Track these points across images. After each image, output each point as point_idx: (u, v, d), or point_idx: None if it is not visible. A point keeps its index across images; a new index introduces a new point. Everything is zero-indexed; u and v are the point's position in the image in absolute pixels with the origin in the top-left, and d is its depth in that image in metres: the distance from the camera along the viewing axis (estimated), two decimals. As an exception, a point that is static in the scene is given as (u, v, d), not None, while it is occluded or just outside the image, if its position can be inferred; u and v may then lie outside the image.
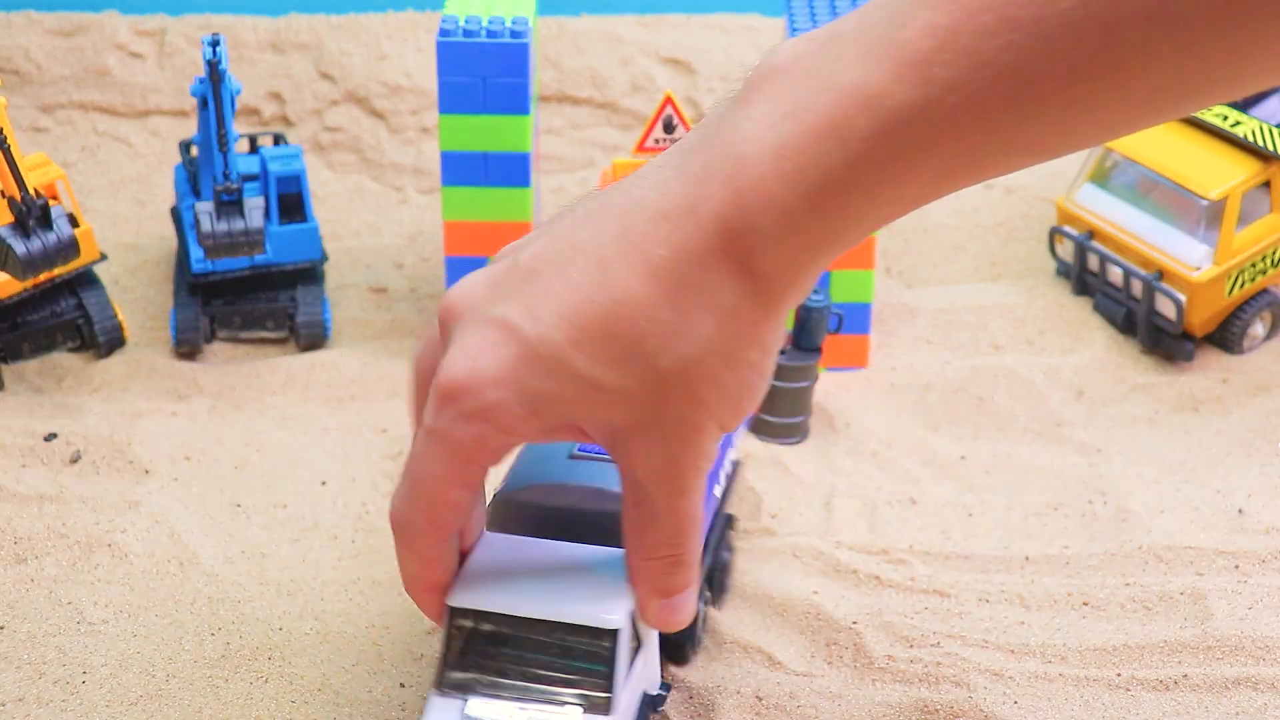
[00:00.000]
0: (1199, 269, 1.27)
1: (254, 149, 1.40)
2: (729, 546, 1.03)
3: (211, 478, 1.15)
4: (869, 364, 1.28)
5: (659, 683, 0.87)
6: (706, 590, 0.97)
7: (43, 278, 1.27)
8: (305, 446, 1.18)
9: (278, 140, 1.40)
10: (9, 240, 1.18)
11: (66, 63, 1.66)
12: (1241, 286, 1.29)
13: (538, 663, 0.80)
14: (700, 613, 0.91)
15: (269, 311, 1.32)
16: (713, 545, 0.96)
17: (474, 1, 1.25)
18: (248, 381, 1.26)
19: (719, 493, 0.96)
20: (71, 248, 1.21)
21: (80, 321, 1.30)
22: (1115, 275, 1.31)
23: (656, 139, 1.23)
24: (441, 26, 1.21)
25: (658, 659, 0.87)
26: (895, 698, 0.93)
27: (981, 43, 0.65)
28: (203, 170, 1.29)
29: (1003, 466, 1.18)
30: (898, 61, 0.66)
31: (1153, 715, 0.93)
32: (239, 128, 1.47)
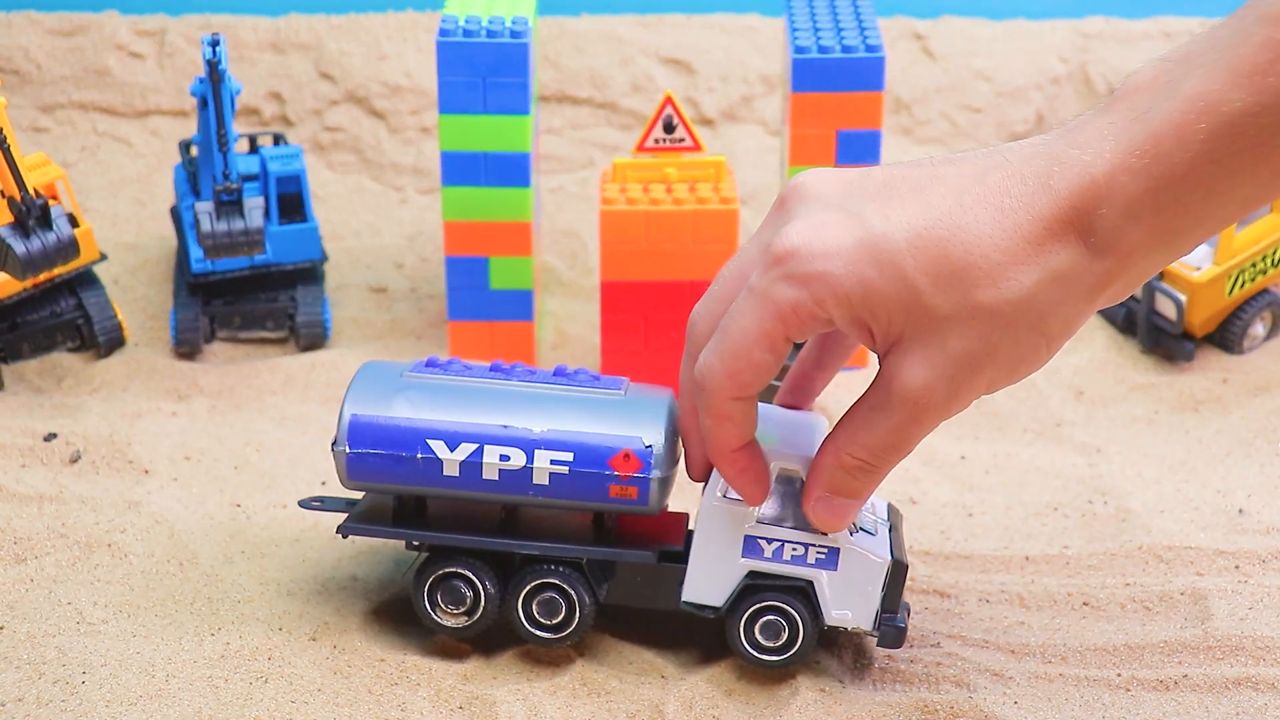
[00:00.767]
0: (1199, 269, 1.27)
1: (254, 149, 1.40)
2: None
3: (211, 478, 1.15)
4: (869, 364, 1.28)
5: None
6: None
7: (42, 278, 1.27)
8: (305, 446, 1.18)
9: (277, 140, 1.40)
10: (9, 240, 1.18)
11: (66, 63, 1.66)
12: (1242, 286, 1.29)
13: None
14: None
15: (269, 311, 1.32)
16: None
17: (474, 1, 1.25)
18: (247, 381, 1.26)
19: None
20: (71, 248, 1.21)
21: (80, 321, 1.30)
22: (1115, 275, 1.31)
23: (656, 139, 1.23)
24: (441, 26, 1.21)
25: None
26: (895, 698, 0.93)
27: None
28: (202, 170, 1.29)
29: (1003, 466, 1.17)
30: (1236, 72, 0.73)
31: (1153, 715, 0.92)
32: (239, 128, 1.47)
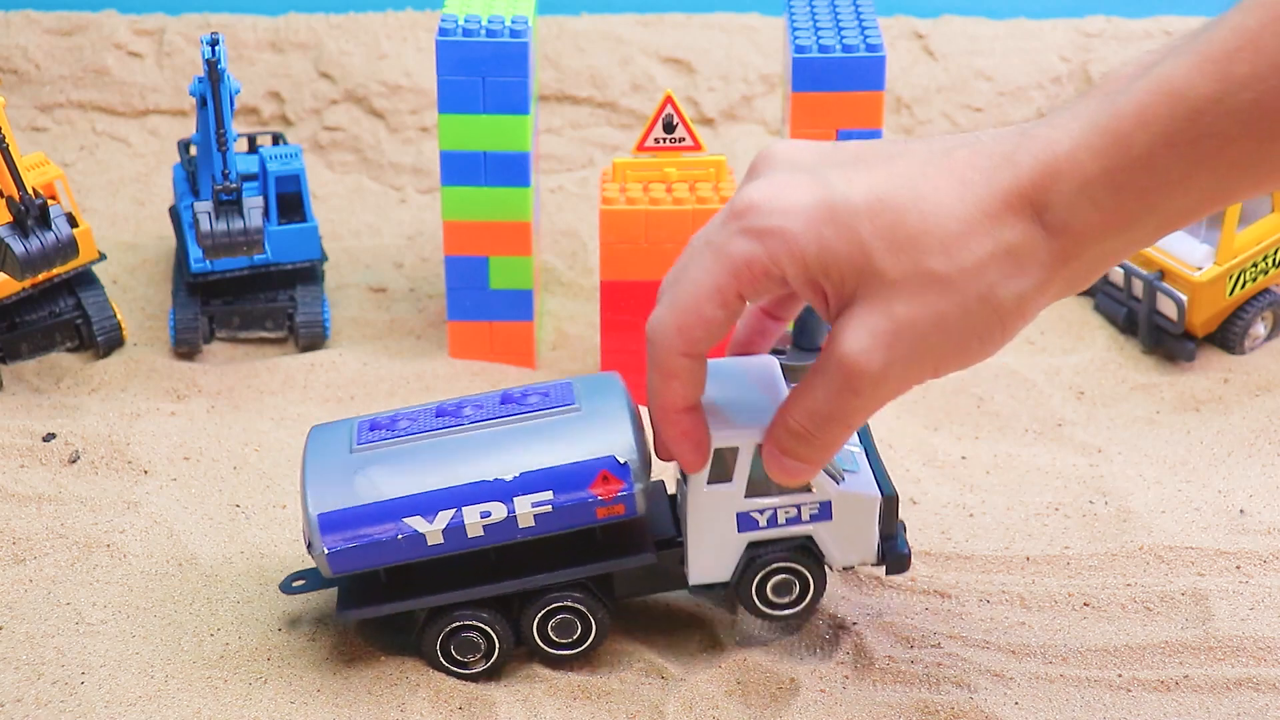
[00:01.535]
0: (1200, 269, 1.27)
1: (253, 148, 1.40)
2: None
3: (210, 478, 1.14)
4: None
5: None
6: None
7: (41, 277, 1.27)
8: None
9: (277, 140, 1.40)
10: (8, 240, 1.18)
11: (65, 62, 1.66)
12: (1243, 286, 1.28)
13: None
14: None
15: (268, 311, 1.32)
16: None
17: (474, 1, 1.25)
18: (247, 381, 1.26)
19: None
20: (70, 247, 1.21)
21: (79, 321, 1.30)
22: (1116, 275, 1.31)
23: (656, 138, 1.23)
24: (441, 26, 1.20)
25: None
26: (896, 698, 0.93)
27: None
28: (201, 170, 1.29)
29: (1003, 467, 1.17)
30: (1203, 57, 0.71)
31: (1154, 716, 0.92)
32: (238, 127, 1.47)
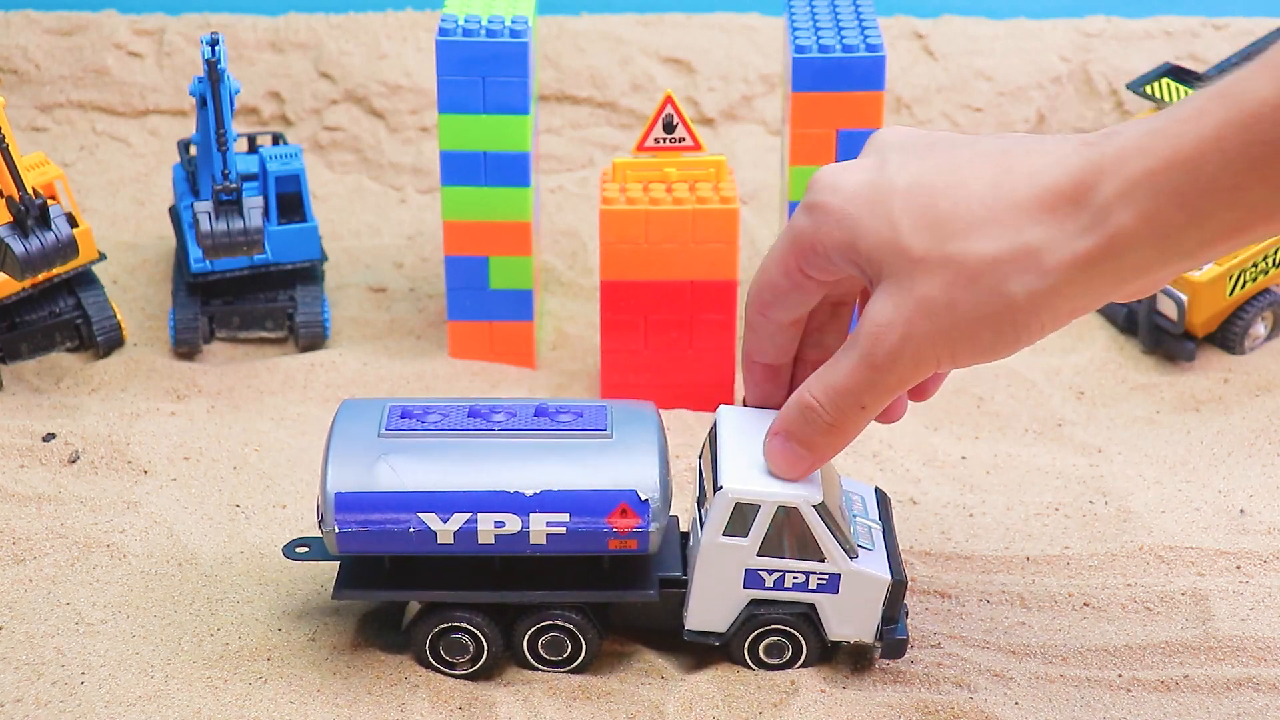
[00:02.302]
0: (1200, 269, 1.27)
1: (253, 148, 1.40)
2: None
3: (210, 478, 1.14)
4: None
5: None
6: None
7: (41, 278, 1.26)
8: (304, 447, 1.18)
9: (277, 140, 1.40)
10: (8, 240, 1.18)
11: (65, 62, 1.66)
12: (1243, 286, 1.28)
13: None
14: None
15: (268, 311, 1.32)
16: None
17: (474, 1, 1.25)
18: (246, 381, 1.26)
19: None
20: (70, 247, 1.21)
21: (79, 321, 1.30)
22: (1116, 275, 1.31)
23: (656, 138, 1.22)
24: (441, 26, 1.20)
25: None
26: (896, 698, 0.93)
27: None
28: (201, 170, 1.29)
29: (1003, 467, 1.17)
30: (1269, 63, 0.69)
31: (1154, 716, 0.92)
32: (238, 127, 1.47)
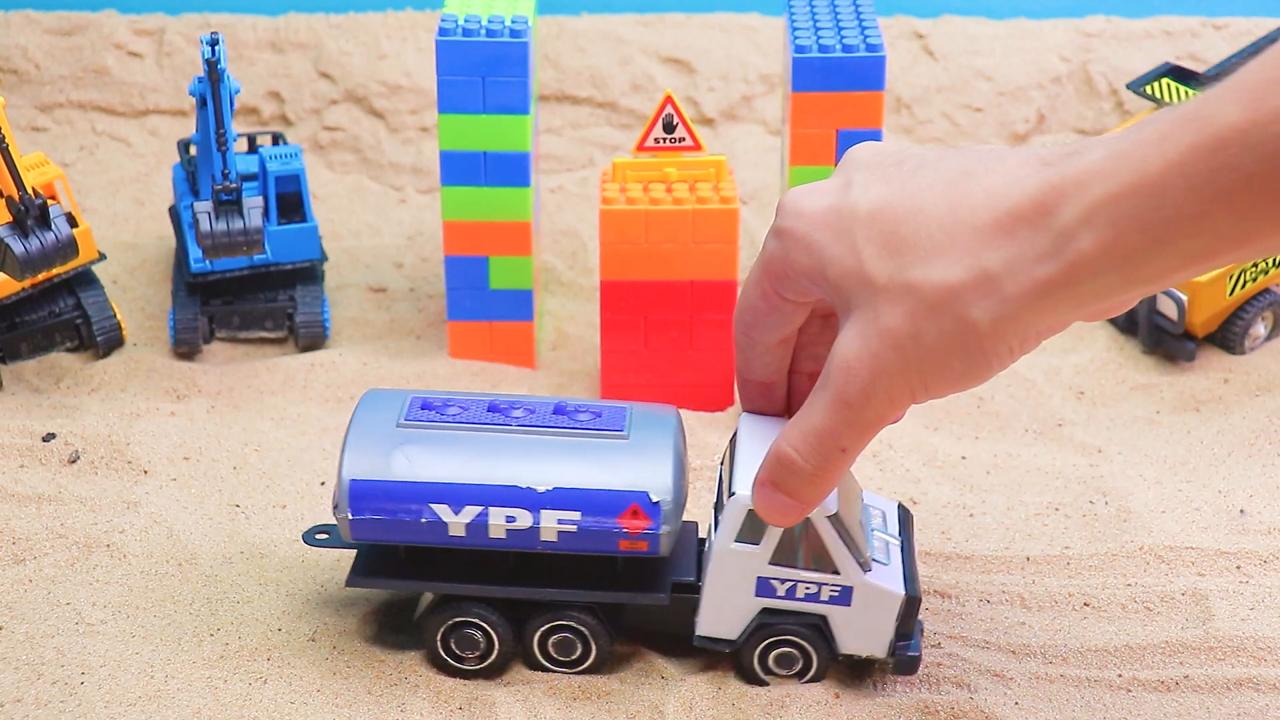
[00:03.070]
0: (1195, 272, 1.27)
1: (253, 148, 1.40)
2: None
3: (210, 478, 1.14)
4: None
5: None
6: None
7: (41, 277, 1.26)
8: (304, 447, 1.18)
9: (277, 140, 1.40)
10: (7, 240, 1.18)
11: (65, 62, 1.66)
12: (1243, 286, 1.28)
13: None
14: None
15: (268, 311, 1.32)
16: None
17: (474, 1, 1.25)
18: (246, 381, 1.26)
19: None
20: (70, 247, 1.21)
21: (79, 321, 1.30)
22: (1116, 275, 1.31)
23: (656, 138, 1.22)
24: (441, 25, 1.20)
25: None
26: (896, 698, 0.93)
27: None
28: (201, 170, 1.29)
29: (1003, 467, 1.17)
30: (1239, 86, 0.67)
31: (1154, 716, 0.92)
32: (238, 127, 1.47)
